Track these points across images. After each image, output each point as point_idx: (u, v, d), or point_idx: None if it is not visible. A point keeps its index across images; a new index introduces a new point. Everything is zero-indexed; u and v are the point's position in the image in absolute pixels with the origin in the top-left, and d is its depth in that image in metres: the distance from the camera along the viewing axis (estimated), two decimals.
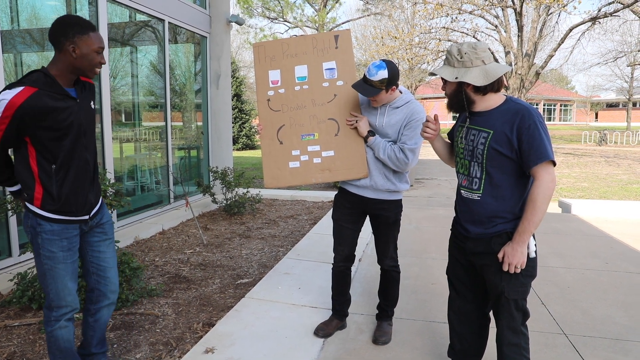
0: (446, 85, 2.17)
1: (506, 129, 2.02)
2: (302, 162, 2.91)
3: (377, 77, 2.62)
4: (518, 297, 2.13)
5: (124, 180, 6.29)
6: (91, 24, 2.15)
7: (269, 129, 2.95)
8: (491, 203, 2.13)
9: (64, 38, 2.07)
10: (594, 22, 15.40)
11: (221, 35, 7.96)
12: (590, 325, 3.26)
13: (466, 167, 2.21)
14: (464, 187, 2.25)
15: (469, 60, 2.05)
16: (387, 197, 2.87)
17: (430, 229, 6.05)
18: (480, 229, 2.18)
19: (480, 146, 2.11)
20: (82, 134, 2.21)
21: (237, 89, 21.23)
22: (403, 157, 2.70)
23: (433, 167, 14.48)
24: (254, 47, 3.07)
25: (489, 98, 2.11)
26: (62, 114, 2.09)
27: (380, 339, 2.99)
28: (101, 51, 2.16)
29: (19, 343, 3.00)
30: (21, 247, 4.33)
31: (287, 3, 29.04)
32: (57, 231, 2.17)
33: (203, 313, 3.50)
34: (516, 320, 2.16)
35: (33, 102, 2.00)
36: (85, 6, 5.28)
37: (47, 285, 2.21)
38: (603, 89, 44.20)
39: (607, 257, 4.86)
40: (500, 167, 2.07)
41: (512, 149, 2.02)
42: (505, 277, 2.11)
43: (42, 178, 2.13)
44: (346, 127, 2.89)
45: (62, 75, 2.13)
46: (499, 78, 2.04)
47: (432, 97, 40.63)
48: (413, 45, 17.26)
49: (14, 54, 4.57)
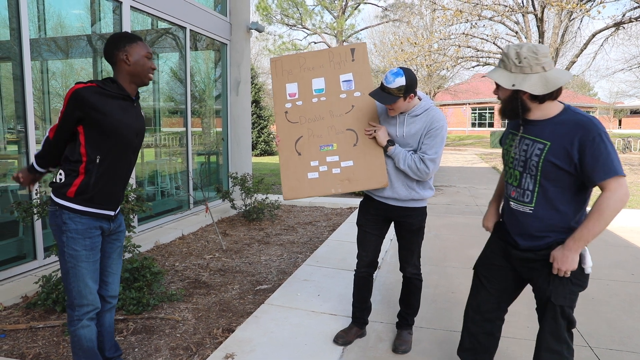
0: (499, 90, 2.05)
1: (566, 142, 1.89)
2: (321, 173, 2.89)
3: (394, 85, 2.60)
4: (565, 304, 2.04)
5: (144, 185, 6.38)
6: (138, 35, 2.35)
7: (287, 140, 2.95)
8: (544, 217, 2.02)
9: (117, 50, 2.28)
10: (618, 27, 15.13)
11: (241, 43, 8.03)
12: (617, 338, 3.18)
13: (516, 178, 2.11)
14: (512, 198, 2.14)
15: (528, 66, 1.91)
16: (411, 204, 2.86)
17: (450, 237, 5.98)
18: (530, 242, 2.09)
19: (534, 157, 1.99)
20: (134, 138, 2.39)
21: (255, 95, 21.39)
22: (424, 168, 2.68)
23: (452, 174, 14.35)
24: (271, 62, 3.08)
25: (546, 106, 1.98)
26: (116, 111, 2.26)
27: (400, 347, 2.97)
28: (151, 57, 2.36)
29: (44, 345, 3.05)
30: (46, 250, 4.42)
31: (306, 10, 29.20)
32: (81, 230, 2.25)
33: (222, 318, 3.52)
34: (560, 328, 2.07)
35: (87, 91, 2.17)
36: (109, 14, 5.39)
37: (70, 284, 2.28)
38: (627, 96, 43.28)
39: (632, 268, 4.74)
40: (556, 180, 1.96)
41: (571, 163, 1.90)
42: (554, 282, 2.04)
43: (88, 167, 2.25)
44: (365, 137, 2.87)
45: (124, 84, 2.33)
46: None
47: (451, 103, 40.38)
48: (432, 51, 17.17)
49: (40, 62, 4.68)
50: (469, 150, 26.73)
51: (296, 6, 28.92)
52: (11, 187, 4.41)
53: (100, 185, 2.28)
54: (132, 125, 2.35)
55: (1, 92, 4.25)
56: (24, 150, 4.27)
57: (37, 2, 4.53)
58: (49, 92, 4.78)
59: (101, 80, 2.26)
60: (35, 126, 4.34)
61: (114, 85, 2.29)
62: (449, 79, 29.43)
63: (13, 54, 4.16)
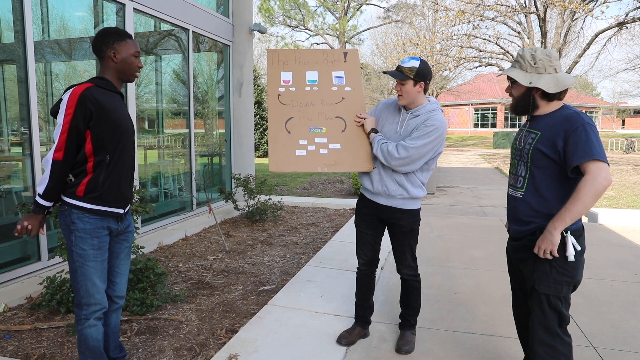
0: (513, 88, 2.23)
1: (553, 131, 2.09)
2: (309, 152, 2.96)
3: (407, 65, 2.72)
4: (550, 293, 2.13)
5: (148, 186, 6.40)
6: (127, 32, 2.36)
7: (277, 119, 3.02)
8: (531, 202, 2.18)
9: (105, 46, 2.29)
10: (621, 27, 15.08)
11: (244, 44, 8.06)
12: (621, 339, 3.17)
13: (515, 166, 2.30)
14: (511, 185, 2.33)
15: (543, 67, 2.11)
16: (401, 205, 2.85)
17: (453, 238, 5.98)
18: (521, 227, 2.24)
19: (527, 146, 2.19)
20: (132, 132, 2.41)
21: (258, 97, 21.42)
22: (394, 152, 2.69)
23: (454, 174, 14.34)
24: (268, 52, 3.20)
25: (551, 104, 2.17)
26: (118, 107, 2.30)
27: (403, 348, 2.97)
28: (138, 55, 2.37)
29: (48, 345, 3.07)
30: (50, 251, 4.43)
31: (308, 11, 29.25)
32: (89, 230, 2.27)
33: (226, 319, 3.53)
34: (549, 320, 2.14)
35: (93, 91, 2.19)
36: (112, 16, 5.41)
37: (78, 283, 2.30)
38: (630, 96, 43.14)
39: (636, 268, 4.73)
40: (543, 168, 2.13)
41: (555, 150, 2.06)
42: (538, 269, 2.15)
43: (95, 167, 2.26)
44: (353, 125, 2.99)
45: (112, 81, 2.34)
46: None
47: (454, 104, 40.33)
48: (434, 52, 17.15)
49: (44, 64, 4.70)
50: (471, 151, 26.70)
51: (298, 7, 28.97)
52: (15, 188, 4.43)
53: (108, 183, 2.29)
54: (128, 120, 2.40)
55: (5, 95, 4.28)
56: (28, 152, 4.29)
57: (40, 5, 4.55)
58: (53, 95, 4.81)
59: (94, 79, 2.27)
60: (39, 128, 4.36)
61: (106, 82, 2.31)
62: (452, 79, 29.38)
63: (17, 56, 4.18)
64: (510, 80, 2.23)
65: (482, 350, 3.01)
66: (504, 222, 7.00)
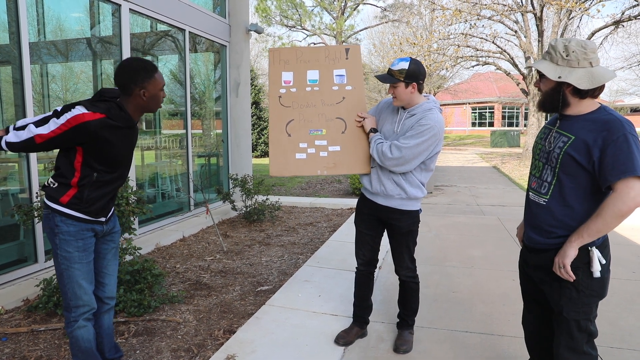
0: (541, 82, 2.01)
1: (589, 138, 1.86)
2: (309, 155, 2.98)
3: (397, 67, 2.71)
4: (580, 318, 1.97)
5: (145, 187, 6.38)
6: (154, 65, 2.29)
7: (278, 122, 3.03)
8: (556, 211, 1.99)
9: (134, 84, 2.21)
10: (618, 26, 15.12)
11: (240, 44, 8.04)
12: (618, 337, 3.18)
13: (539, 169, 2.10)
14: (532, 189, 2.13)
15: (576, 60, 1.88)
16: (399, 205, 2.84)
17: (451, 237, 5.98)
18: (540, 237, 2.06)
19: (557, 150, 1.97)
20: (130, 158, 2.41)
21: (255, 97, 21.41)
22: (388, 152, 2.69)
23: (452, 173, 14.35)
24: (269, 52, 3.21)
25: (584, 103, 1.95)
26: (123, 143, 2.28)
27: (401, 347, 2.97)
28: (163, 86, 2.33)
29: (45, 347, 3.05)
30: (47, 253, 4.42)
31: (305, 11, 29.25)
32: (73, 232, 2.26)
33: (224, 320, 3.52)
34: (577, 341, 1.99)
35: (100, 125, 2.13)
36: (109, 17, 5.40)
37: (65, 285, 2.30)
38: (627, 94, 43.21)
39: (633, 266, 4.74)
40: (573, 175, 1.93)
41: (589, 160, 1.86)
42: (564, 294, 1.98)
43: (81, 182, 2.23)
44: (353, 126, 2.99)
45: (132, 114, 2.31)
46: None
47: (451, 103, 40.36)
48: (431, 51, 17.17)
49: (40, 65, 4.69)
50: (469, 150, 26.73)
51: (295, 7, 28.96)
52: (12, 190, 4.41)
53: (92, 200, 2.29)
54: (130, 149, 2.38)
55: (1, 96, 4.26)
56: (24, 153, 4.28)
57: (36, 6, 4.54)
58: (49, 96, 4.79)
59: (111, 109, 2.19)
60: None
61: (123, 114, 2.24)
62: (449, 78, 29.42)
63: (13, 57, 4.16)
64: (538, 73, 2.00)
65: (480, 349, 3.01)
66: (503, 222, 7.00)
